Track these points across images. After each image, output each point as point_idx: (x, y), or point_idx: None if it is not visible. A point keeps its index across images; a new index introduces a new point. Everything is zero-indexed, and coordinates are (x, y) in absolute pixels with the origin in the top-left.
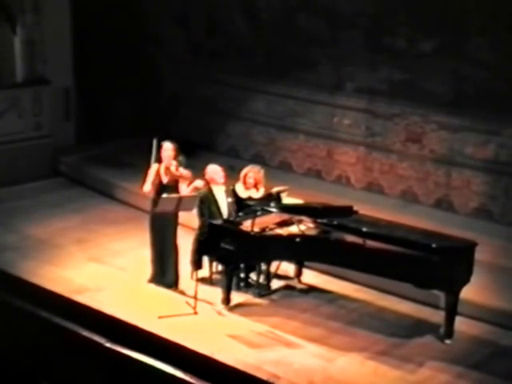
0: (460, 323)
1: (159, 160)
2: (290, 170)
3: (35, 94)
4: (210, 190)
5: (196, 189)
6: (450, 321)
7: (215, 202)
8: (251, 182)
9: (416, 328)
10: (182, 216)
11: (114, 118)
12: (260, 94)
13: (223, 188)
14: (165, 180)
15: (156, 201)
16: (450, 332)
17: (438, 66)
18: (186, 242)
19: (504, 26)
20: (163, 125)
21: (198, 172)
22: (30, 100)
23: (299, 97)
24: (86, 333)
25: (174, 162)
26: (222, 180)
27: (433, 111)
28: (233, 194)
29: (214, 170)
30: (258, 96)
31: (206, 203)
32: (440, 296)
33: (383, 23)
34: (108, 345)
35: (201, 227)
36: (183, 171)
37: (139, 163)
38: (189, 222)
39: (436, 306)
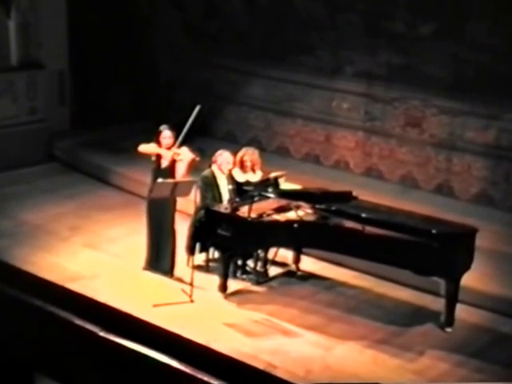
0: (460, 311)
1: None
2: (287, 155)
3: (30, 78)
4: (213, 174)
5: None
6: (450, 308)
7: (217, 186)
8: (248, 165)
9: (416, 316)
10: (179, 202)
11: (109, 102)
12: (257, 78)
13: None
14: (164, 164)
15: (152, 186)
16: (450, 320)
17: (438, 50)
18: (182, 229)
19: (504, 9)
20: (159, 109)
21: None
22: (24, 84)
23: (297, 81)
24: (79, 321)
25: (176, 151)
26: (226, 170)
27: (433, 95)
28: (231, 179)
29: (227, 160)
30: (255, 80)
31: (208, 186)
32: (440, 283)
33: (382, 6)
34: (102, 334)
35: (197, 212)
36: (183, 153)
37: (135, 148)
38: (186, 208)
39: (436, 294)
